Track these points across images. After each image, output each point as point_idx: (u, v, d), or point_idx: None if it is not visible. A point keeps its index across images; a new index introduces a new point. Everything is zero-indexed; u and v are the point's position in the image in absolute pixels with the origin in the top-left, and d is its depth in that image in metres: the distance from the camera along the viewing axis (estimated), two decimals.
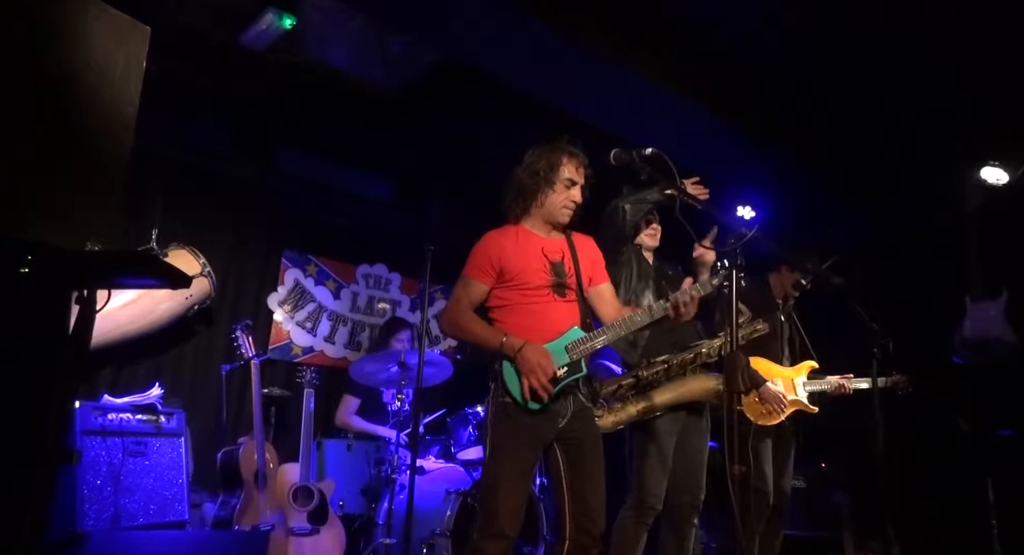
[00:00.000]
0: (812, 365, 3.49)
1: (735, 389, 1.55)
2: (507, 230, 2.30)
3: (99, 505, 2.70)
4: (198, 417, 3.80)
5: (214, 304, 4.08)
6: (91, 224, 1.49)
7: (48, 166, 1.45)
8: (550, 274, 2.21)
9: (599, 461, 2.16)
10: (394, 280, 5.21)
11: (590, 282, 2.32)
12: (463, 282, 2.25)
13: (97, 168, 1.53)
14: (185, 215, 4.12)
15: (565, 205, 2.25)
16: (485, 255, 2.23)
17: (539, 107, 3.76)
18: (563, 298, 2.22)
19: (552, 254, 2.25)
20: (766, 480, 3.35)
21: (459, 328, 2.22)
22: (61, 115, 1.47)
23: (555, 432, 2.13)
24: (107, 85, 1.55)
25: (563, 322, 2.18)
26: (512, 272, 2.20)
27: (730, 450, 1.53)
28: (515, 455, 2.08)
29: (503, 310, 2.22)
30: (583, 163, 2.29)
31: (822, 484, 4.26)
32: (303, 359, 4.64)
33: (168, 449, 3.11)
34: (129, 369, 3.75)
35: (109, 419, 2.89)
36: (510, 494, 2.03)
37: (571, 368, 2.13)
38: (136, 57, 1.61)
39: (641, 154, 1.95)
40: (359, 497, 3.85)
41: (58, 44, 1.46)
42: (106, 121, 1.55)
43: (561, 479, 2.11)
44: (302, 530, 3.21)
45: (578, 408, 2.16)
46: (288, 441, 4.05)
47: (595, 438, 2.20)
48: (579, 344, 2.14)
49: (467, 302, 2.22)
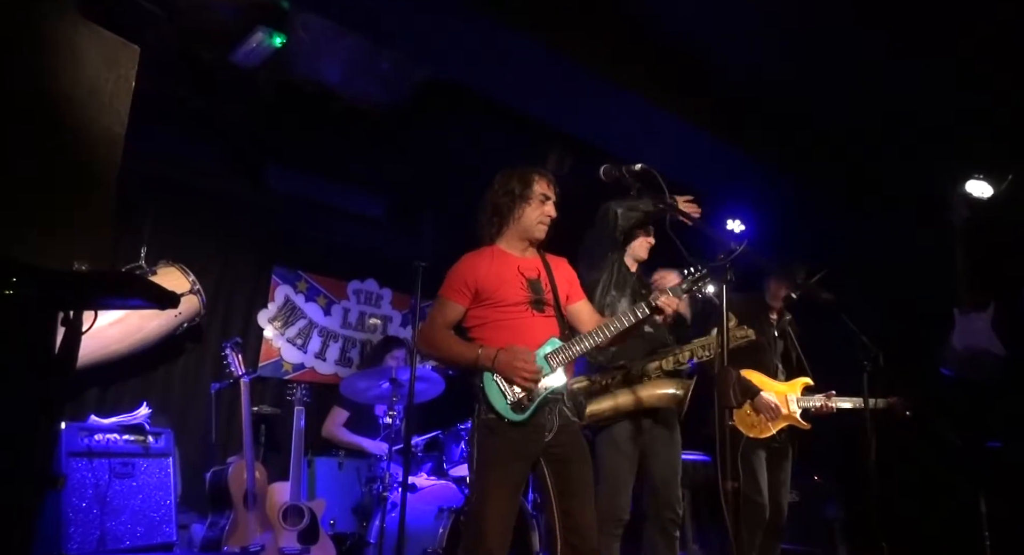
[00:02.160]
0: (806, 381, 3.49)
1: (727, 404, 1.54)
2: (482, 252, 2.34)
3: (84, 528, 2.65)
4: (187, 436, 3.76)
5: (203, 321, 4.05)
6: (79, 244, 1.48)
7: (36, 186, 1.44)
8: (527, 291, 2.24)
9: (588, 477, 2.16)
10: (385, 296, 5.20)
11: (567, 300, 2.35)
12: (439, 303, 2.28)
13: (85, 188, 1.52)
14: (175, 232, 4.10)
15: (541, 220, 2.31)
16: (460, 276, 2.26)
17: (529, 124, 3.78)
18: (541, 313, 2.24)
19: (528, 272, 2.28)
20: (761, 492, 3.34)
21: (434, 346, 2.24)
22: (50, 135, 1.47)
23: (541, 447, 2.12)
24: (96, 105, 1.55)
25: (542, 335, 2.20)
26: (488, 290, 2.22)
27: (722, 465, 1.52)
28: (501, 472, 2.07)
29: (481, 328, 2.24)
30: (552, 181, 2.36)
31: (816, 498, 4.25)
32: (294, 376, 4.61)
33: (156, 470, 3.07)
34: (117, 388, 3.71)
35: (96, 440, 2.85)
36: (497, 513, 2.02)
37: (551, 378, 2.14)
38: (126, 77, 1.61)
39: (631, 170, 1.96)
40: (350, 516, 3.81)
41: (48, 64, 1.46)
42: (95, 141, 1.54)
43: (550, 497, 2.10)
44: (292, 550, 3.17)
45: (564, 422, 2.16)
46: (278, 459, 4.01)
47: (582, 454, 2.19)
48: (558, 353, 2.16)
49: (442, 321, 2.24)
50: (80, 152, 1.52)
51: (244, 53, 3.27)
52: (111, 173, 1.56)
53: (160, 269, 3.79)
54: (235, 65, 3.38)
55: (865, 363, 2.95)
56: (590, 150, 3.88)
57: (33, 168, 1.43)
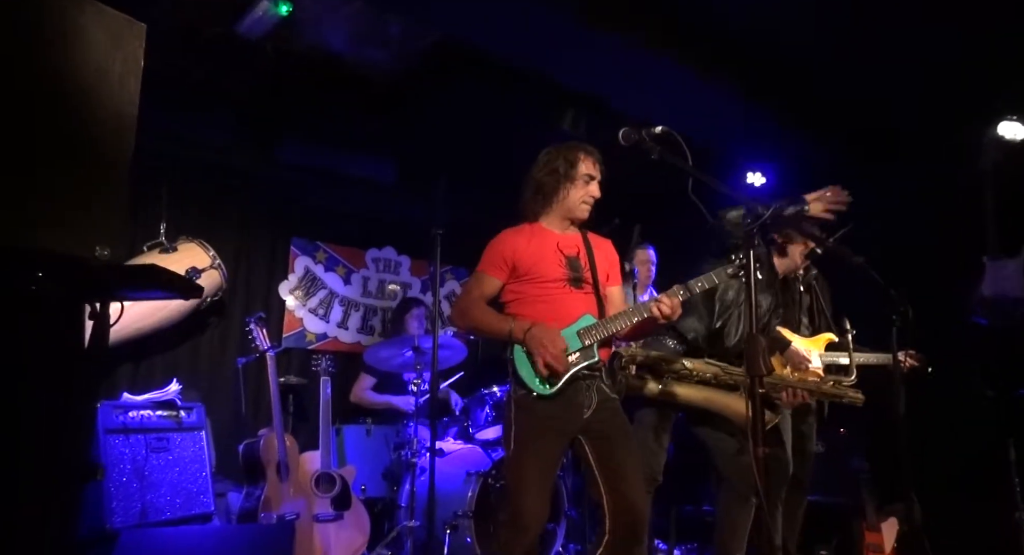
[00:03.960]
0: (830, 338, 3.46)
1: (756, 372, 1.53)
2: (522, 228, 2.32)
3: (126, 502, 2.74)
4: (217, 409, 3.83)
5: (226, 296, 4.09)
6: (99, 228, 1.48)
7: (52, 172, 1.43)
8: (565, 268, 2.22)
9: (632, 453, 2.16)
10: (403, 263, 5.21)
11: (607, 279, 2.32)
12: (475, 277, 2.28)
13: (101, 171, 1.51)
14: (191, 208, 4.12)
15: (584, 200, 2.28)
16: (499, 252, 2.25)
17: (542, 84, 3.69)
18: (579, 290, 2.23)
19: (567, 249, 2.26)
20: (785, 448, 3.35)
21: (469, 318, 2.23)
22: (61, 119, 1.45)
23: (580, 424, 2.12)
24: (106, 86, 1.52)
25: (577, 311, 2.18)
26: (526, 266, 2.21)
27: (754, 432, 1.52)
28: (537, 448, 2.07)
29: (517, 303, 2.24)
30: (599, 160, 2.31)
31: (841, 450, 4.26)
32: (317, 346, 4.67)
33: (190, 443, 3.14)
34: (146, 365, 3.78)
35: (130, 417, 2.92)
36: (534, 489, 2.03)
37: (583, 354, 2.12)
38: (133, 56, 1.58)
39: (651, 133, 1.90)
40: (380, 481, 3.90)
41: (56, 46, 1.43)
42: (107, 123, 1.53)
43: (595, 474, 2.10)
44: (326, 516, 3.26)
45: (602, 399, 2.15)
46: (307, 427, 4.10)
47: (624, 430, 2.19)
48: (591, 330, 2.14)
49: (478, 295, 2.24)
50: (93, 135, 1.50)
51: (249, 23, 3.20)
52: (125, 155, 1.54)
53: (180, 245, 3.81)
54: (241, 36, 3.32)
55: (894, 318, 2.90)
56: (605, 109, 3.79)
57: (47, 154, 1.42)
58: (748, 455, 2.76)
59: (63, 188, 1.46)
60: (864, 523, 3.63)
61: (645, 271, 4.05)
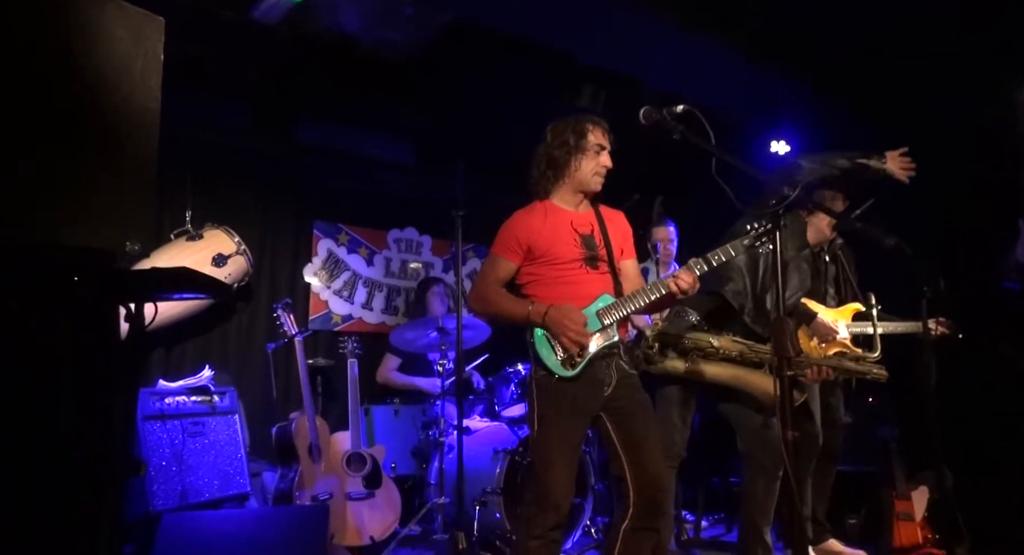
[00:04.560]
0: (857, 307, 3.42)
1: (784, 354, 1.52)
2: (534, 207, 2.29)
3: (166, 485, 2.84)
4: (248, 391, 3.92)
5: (252, 280, 4.15)
6: (128, 223, 1.51)
7: (79, 169, 1.46)
8: (581, 247, 2.20)
9: (652, 428, 2.17)
10: (425, 242, 5.23)
11: (621, 254, 2.30)
12: (490, 260, 2.27)
13: (127, 167, 1.53)
14: (213, 195, 4.16)
15: (597, 171, 2.24)
16: (513, 234, 2.23)
17: (557, 60, 3.64)
18: (595, 270, 2.21)
19: (581, 227, 2.24)
20: (814, 420, 3.35)
21: (487, 302, 2.23)
22: (87, 116, 1.47)
23: (600, 401, 2.14)
24: (128, 83, 1.54)
25: (594, 291, 2.17)
26: (541, 248, 2.20)
27: (782, 415, 1.52)
28: (561, 427, 2.10)
29: (534, 285, 2.23)
30: (607, 129, 2.27)
31: (870, 419, 4.24)
32: (343, 327, 4.73)
33: (224, 427, 3.23)
34: (178, 352, 3.87)
35: (167, 403, 3.00)
36: (560, 467, 2.07)
37: (603, 333, 2.13)
38: (154, 51, 1.59)
39: (672, 112, 1.87)
40: (409, 459, 3.98)
41: (78, 45, 1.45)
42: (131, 119, 1.54)
43: (617, 450, 2.13)
44: (358, 494, 3.34)
45: (622, 376, 2.16)
46: (336, 407, 4.18)
47: (644, 405, 2.20)
48: (610, 310, 2.14)
49: (494, 278, 2.23)
50: (118, 132, 1.52)
51: (265, 8, 3.20)
52: (151, 149, 1.57)
53: (206, 232, 3.86)
54: (257, 21, 3.32)
55: (925, 289, 2.86)
56: (625, 83, 3.73)
57: (75, 152, 1.44)
58: (773, 430, 2.80)
59: (92, 185, 1.48)
60: (894, 492, 3.63)
61: (666, 248, 4.02)
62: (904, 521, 3.56)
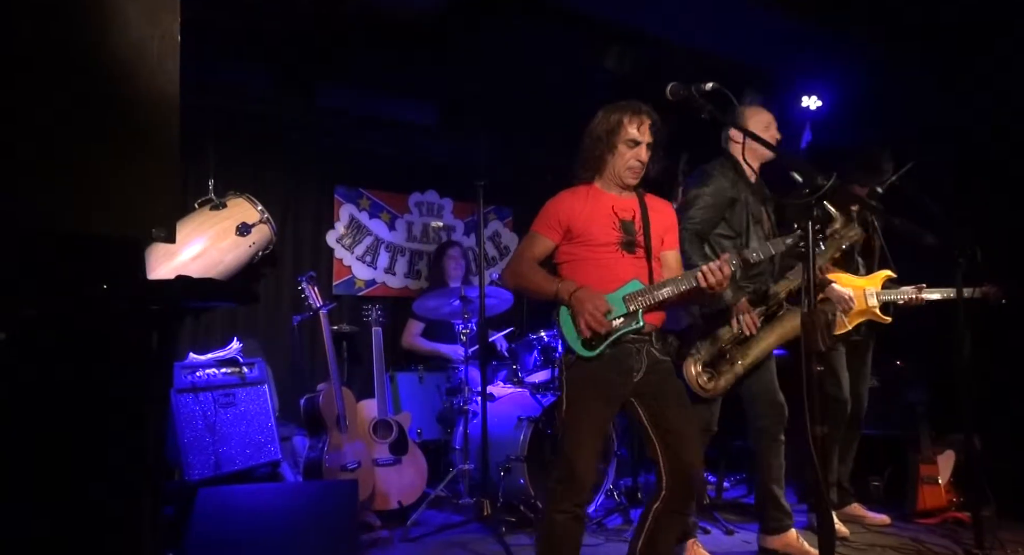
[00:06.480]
0: (888, 274, 3.36)
1: (814, 349, 1.49)
2: (578, 190, 2.29)
3: (202, 456, 2.93)
4: (276, 359, 3.99)
5: (276, 248, 4.17)
6: (153, 211, 1.50)
7: (103, 157, 1.44)
8: (619, 231, 2.20)
9: (686, 413, 2.18)
10: (446, 205, 5.19)
11: (661, 243, 2.29)
12: (529, 237, 2.29)
13: (149, 152, 1.51)
14: (235, 162, 4.15)
15: (629, 166, 2.21)
16: (554, 213, 2.25)
17: (581, 19, 3.50)
18: (631, 255, 2.21)
19: (623, 212, 2.23)
20: (842, 387, 3.34)
21: (519, 276, 2.26)
22: (105, 102, 1.45)
23: (631, 388, 2.15)
24: (146, 67, 1.50)
25: (627, 275, 2.17)
26: (579, 228, 2.20)
27: (811, 409, 1.50)
28: (588, 409, 2.13)
29: (569, 265, 2.25)
30: (647, 120, 2.19)
31: (898, 383, 4.21)
32: (367, 292, 4.76)
33: (254, 397, 3.30)
34: (206, 323, 3.93)
35: (198, 376, 3.07)
36: (586, 449, 2.10)
37: (628, 318, 2.13)
38: (170, 32, 1.54)
39: (700, 89, 1.79)
40: (434, 425, 4.06)
41: (94, 30, 1.41)
42: (150, 103, 1.51)
43: (650, 435, 2.15)
44: (386, 461, 3.42)
45: (652, 362, 2.17)
46: (361, 372, 4.25)
47: (677, 391, 2.21)
48: (637, 295, 2.14)
49: (530, 255, 2.26)
50: (138, 118, 1.50)
51: None
52: (172, 132, 1.53)
53: (229, 201, 3.85)
54: None
55: (960, 261, 2.78)
56: (653, 42, 3.58)
57: (96, 139, 1.43)
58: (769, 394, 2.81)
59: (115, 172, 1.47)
60: (919, 455, 3.63)
61: None
62: (929, 485, 3.57)
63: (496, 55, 4.00)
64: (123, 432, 1.18)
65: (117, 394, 1.18)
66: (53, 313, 1.18)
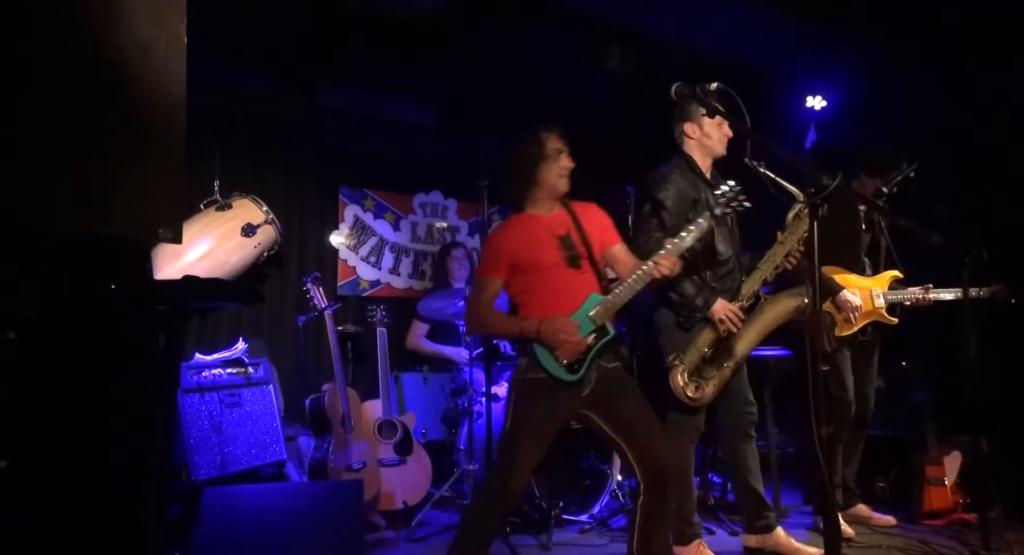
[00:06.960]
0: (895, 275, 3.34)
1: (819, 349, 1.49)
2: (509, 222, 2.38)
3: (208, 455, 2.94)
4: (280, 360, 4.00)
5: (281, 249, 4.17)
6: (159, 211, 1.51)
7: (105, 157, 1.45)
8: (560, 249, 2.25)
9: (637, 401, 2.23)
10: (451, 206, 5.20)
11: (601, 247, 2.34)
12: (478, 283, 2.34)
13: (154, 153, 1.51)
14: (238, 163, 4.16)
15: (560, 174, 2.29)
16: (495, 252, 2.31)
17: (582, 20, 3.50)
18: (578, 270, 2.25)
19: (557, 229, 2.29)
20: (847, 389, 3.33)
21: (481, 324, 2.34)
22: (110, 103, 1.45)
23: (580, 403, 2.20)
24: (152, 69, 1.50)
25: (581, 293, 2.22)
26: (522, 258, 2.25)
27: (816, 411, 1.49)
28: (534, 429, 2.18)
29: (524, 294, 2.29)
30: (559, 133, 2.33)
31: (903, 383, 4.19)
32: (371, 293, 4.77)
33: (260, 397, 3.31)
34: (212, 324, 3.95)
35: (203, 376, 3.08)
36: (524, 465, 2.16)
37: (599, 333, 2.18)
38: (176, 33, 1.55)
39: (705, 89, 1.79)
40: (439, 425, 4.06)
41: (100, 32, 1.41)
42: (155, 104, 1.52)
43: (611, 437, 2.20)
44: (391, 461, 3.43)
45: (602, 373, 2.22)
46: (366, 372, 4.25)
47: (625, 383, 2.27)
48: (600, 308, 2.19)
49: (485, 299, 2.30)
50: (143, 120, 1.50)
51: None
52: (178, 134, 1.54)
53: (235, 201, 3.85)
54: None
55: (967, 261, 2.77)
56: (653, 42, 3.58)
57: (100, 139, 1.43)
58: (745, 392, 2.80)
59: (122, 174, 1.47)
60: (925, 456, 3.61)
61: None
62: (935, 486, 3.55)
63: (496, 55, 4.01)
64: (125, 432, 1.18)
65: (119, 394, 1.18)
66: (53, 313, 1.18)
